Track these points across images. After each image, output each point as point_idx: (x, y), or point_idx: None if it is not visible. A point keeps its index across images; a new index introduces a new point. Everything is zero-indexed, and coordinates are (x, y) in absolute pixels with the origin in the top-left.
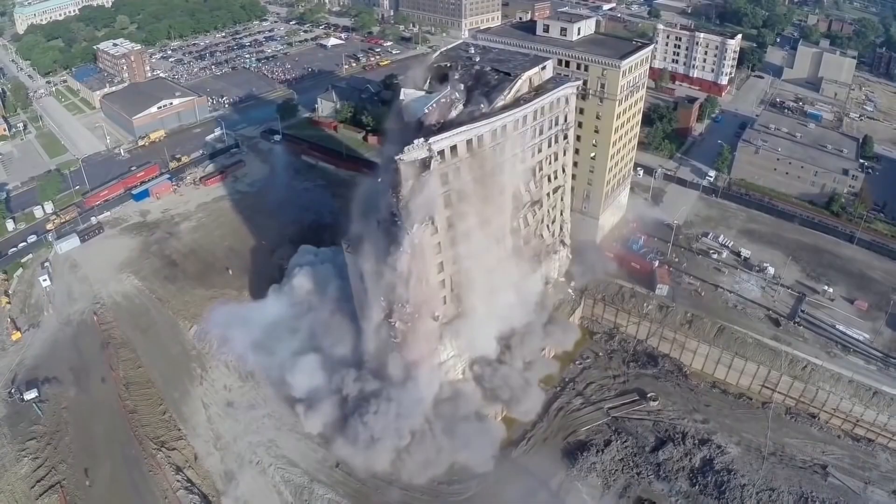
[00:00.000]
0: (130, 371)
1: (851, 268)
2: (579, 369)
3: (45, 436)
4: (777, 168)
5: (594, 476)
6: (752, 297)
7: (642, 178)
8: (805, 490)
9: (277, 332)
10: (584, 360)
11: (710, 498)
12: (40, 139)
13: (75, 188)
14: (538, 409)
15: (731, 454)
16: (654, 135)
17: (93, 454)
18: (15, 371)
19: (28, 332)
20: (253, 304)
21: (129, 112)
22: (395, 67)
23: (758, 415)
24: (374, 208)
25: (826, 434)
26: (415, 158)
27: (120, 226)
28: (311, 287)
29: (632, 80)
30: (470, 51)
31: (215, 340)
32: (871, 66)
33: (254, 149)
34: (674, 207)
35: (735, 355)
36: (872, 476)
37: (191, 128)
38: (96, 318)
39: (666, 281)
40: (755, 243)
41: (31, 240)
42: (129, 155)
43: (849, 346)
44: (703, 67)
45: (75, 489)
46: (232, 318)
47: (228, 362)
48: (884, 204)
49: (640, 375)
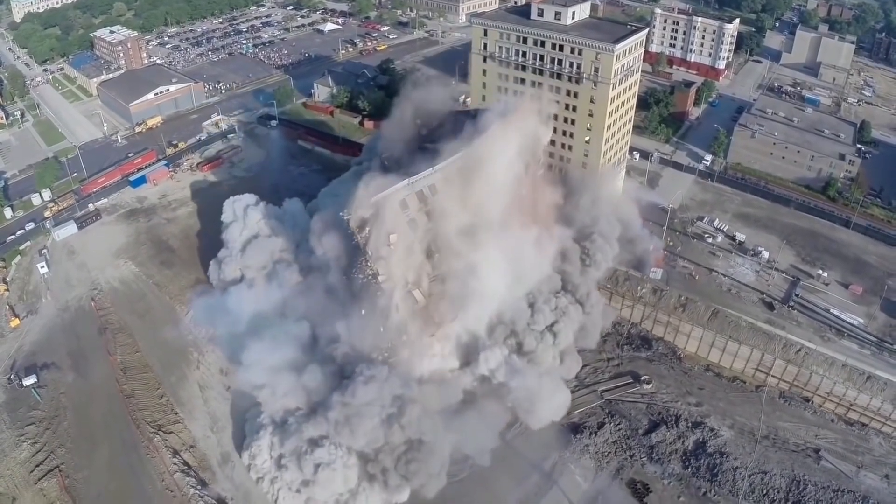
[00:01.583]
0: (128, 356)
1: (847, 252)
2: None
3: (43, 421)
4: (773, 152)
5: (587, 458)
6: (746, 280)
7: (638, 161)
8: (798, 473)
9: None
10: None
11: (703, 480)
12: (37, 127)
13: (73, 175)
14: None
15: (724, 437)
16: (651, 119)
17: (91, 438)
18: (14, 357)
19: (26, 319)
20: (235, 290)
21: (126, 99)
22: (392, 52)
23: (751, 398)
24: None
25: (819, 418)
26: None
27: (117, 212)
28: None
29: (626, 64)
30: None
31: (203, 327)
32: (871, 52)
33: (250, 134)
34: (669, 191)
35: (729, 339)
36: (865, 460)
37: (188, 114)
38: (94, 304)
39: (660, 264)
40: (750, 227)
41: (29, 227)
42: (127, 141)
43: (843, 330)
44: (700, 52)
45: (74, 473)
46: (215, 304)
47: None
48: (880, 189)
49: (634, 358)
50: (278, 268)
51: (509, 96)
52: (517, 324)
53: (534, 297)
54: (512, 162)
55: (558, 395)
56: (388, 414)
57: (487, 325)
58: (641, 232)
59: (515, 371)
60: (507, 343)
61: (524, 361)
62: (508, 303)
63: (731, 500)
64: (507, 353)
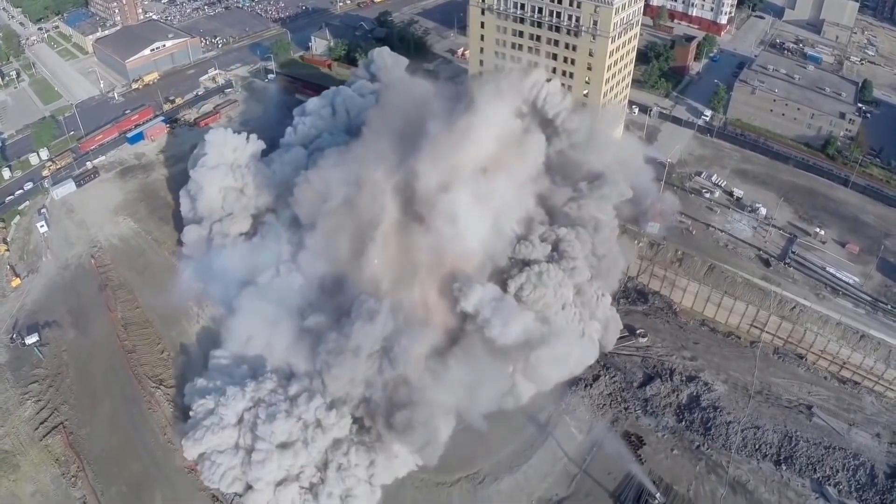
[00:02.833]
0: (128, 312)
1: (844, 211)
2: None
3: (46, 378)
4: (774, 109)
5: (582, 410)
6: (743, 236)
7: (637, 116)
8: (790, 429)
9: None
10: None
11: (696, 434)
12: (34, 86)
13: (70, 134)
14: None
15: (717, 391)
16: (650, 73)
17: (93, 394)
18: (16, 317)
19: (27, 278)
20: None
21: (122, 55)
22: (391, 4)
23: (745, 354)
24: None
25: (812, 375)
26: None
27: (115, 169)
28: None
29: (625, 17)
30: None
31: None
32: (875, 10)
33: (247, 88)
34: (668, 146)
35: (725, 294)
36: (857, 418)
37: (184, 69)
38: (94, 262)
39: (657, 219)
40: (748, 183)
41: (28, 187)
42: (123, 98)
43: (838, 288)
44: (702, 6)
45: (77, 429)
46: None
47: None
48: (880, 149)
49: (630, 312)
50: (268, 219)
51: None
52: (499, 258)
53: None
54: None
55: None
56: (381, 347)
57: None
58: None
59: (500, 308)
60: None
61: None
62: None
63: (723, 453)
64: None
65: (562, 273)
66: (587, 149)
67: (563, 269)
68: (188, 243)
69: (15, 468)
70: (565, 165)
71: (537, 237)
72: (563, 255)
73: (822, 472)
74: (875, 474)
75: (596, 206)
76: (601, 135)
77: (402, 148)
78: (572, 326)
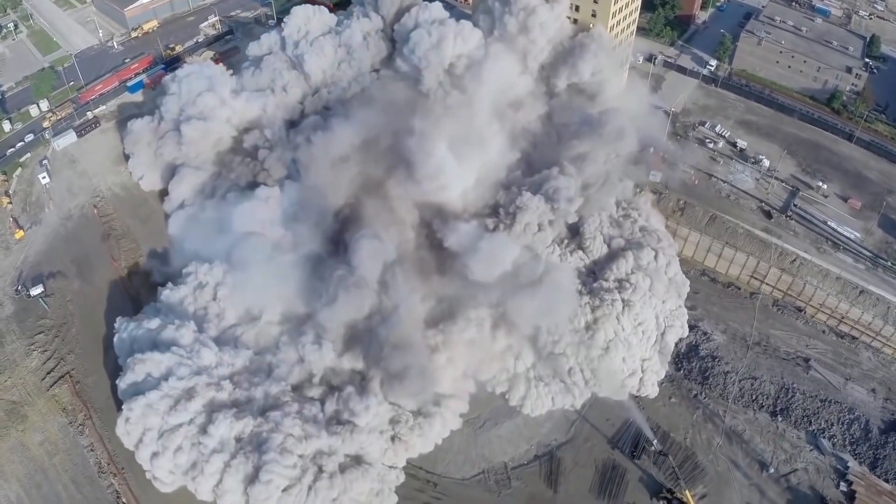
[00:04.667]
0: (131, 261)
1: (848, 166)
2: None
3: (52, 329)
4: (780, 61)
5: None
6: (745, 188)
7: (641, 64)
8: (787, 381)
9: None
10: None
11: (694, 383)
12: (32, 38)
13: (70, 84)
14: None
15: (716, 341)
16: (656, 20)
17: (99, 343)
18: (20, 269)
19: (30, 230)
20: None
21: (121, 4)
22: None
23: (745, 305)
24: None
25: (811, 328)
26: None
27: (116, 118)
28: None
29: None
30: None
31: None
32: None
33: (248, 34)
34: (672, 95)
35: (726, 245)
36: (854, 373)
37: (184, 16)
38: (96, 211)
39: (659, 167)
40: (752, 135)
41: (29, 139)
42: (123, 47)
43: (839, 243)
44: None
45: (84, 378)
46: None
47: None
48: (886, 105)
49: None
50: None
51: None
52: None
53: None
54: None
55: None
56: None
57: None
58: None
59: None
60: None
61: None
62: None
63: (720, 402)
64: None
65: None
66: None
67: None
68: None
69: (23, 418)
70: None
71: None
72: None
73: (817, 424)
74: (869, 429)
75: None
76: (609, 69)
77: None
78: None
